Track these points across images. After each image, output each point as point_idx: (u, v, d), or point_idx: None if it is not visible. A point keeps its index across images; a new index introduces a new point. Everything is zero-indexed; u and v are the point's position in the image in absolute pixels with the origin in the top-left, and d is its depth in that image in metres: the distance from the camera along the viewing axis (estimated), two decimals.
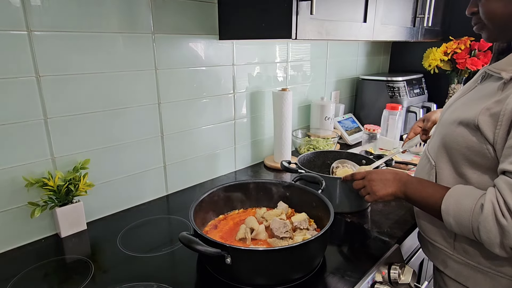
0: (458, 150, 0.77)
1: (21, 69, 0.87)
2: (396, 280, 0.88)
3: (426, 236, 0.92)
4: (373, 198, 0.93)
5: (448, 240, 0.85)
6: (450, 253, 0.85)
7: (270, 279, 0.78)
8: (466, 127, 0.74)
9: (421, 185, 0.83)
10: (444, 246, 0.86)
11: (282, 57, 1.58)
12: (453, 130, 0.78)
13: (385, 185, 0.90)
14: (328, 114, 1.72)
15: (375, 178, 0.93)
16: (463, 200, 0.71)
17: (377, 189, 0.91)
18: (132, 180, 1.16)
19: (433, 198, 0.77)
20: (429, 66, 1.93)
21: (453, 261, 0.85)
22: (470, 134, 0.74)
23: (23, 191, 0.93)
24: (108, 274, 0.84)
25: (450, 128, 0.79)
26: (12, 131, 0.89)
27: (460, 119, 0.76)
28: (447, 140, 0.80)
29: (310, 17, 1.06)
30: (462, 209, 0.70)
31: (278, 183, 1.06)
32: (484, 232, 0.66)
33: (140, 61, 1.09)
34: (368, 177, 0.95)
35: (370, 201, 0.96)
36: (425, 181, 0.84)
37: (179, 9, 1.15)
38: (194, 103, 1.27)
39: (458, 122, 0.77)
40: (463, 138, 0.75)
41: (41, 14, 0.88)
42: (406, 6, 1.57)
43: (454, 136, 0.77)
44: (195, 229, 0.79)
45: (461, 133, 0.76)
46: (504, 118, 0.66)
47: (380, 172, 0.94)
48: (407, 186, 0.86)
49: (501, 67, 0.73)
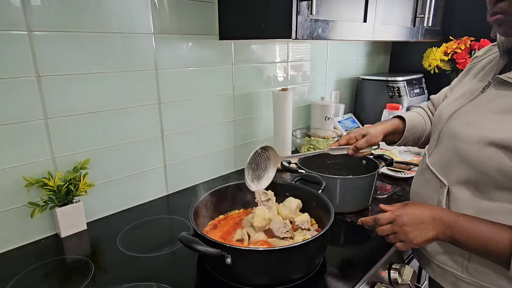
0: (486, 172, 0.69)
1: (21, 69, 0.87)
2: (396, 280, 0.88)
3: (428, 255, 0.85)
4: (409, 247, 0.75)
5: (459, 262, 0.78)
6: (461, 275, 0.78)
7: (270, 279, 0.78)
8: (499, 149, 0.66)
9: (473, 225, 0.69)
10: (454, 269, 0.79)
11: (282, 57, 1.58)
12: (480, 151, 0.68)
13: (423, 230, 0.72)
14: (328, 114, 1.72)
15: (408, 223, 0.74)
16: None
17: (414, 237, 0.73)
18: (132, 180, 1.16)
19: (499, 246, 0.65)
20: (429, 66, 1.93)
21: (465, 283, 0.78)
22: (506, 157, 0.65)
23: (23, 191, 0.93)
24: (108, 274, 0.84)
25: (475, 148, 0.70)
26: (12, 131, 0.89)
27: (491, 139, 0.66)
28: (470, 160, 0.71)
29: (310, 17, 1.06)
30: None
31: (278, 183, 1.06)
32: None
33: (140, 61, 1.09)
34: (399, 222, 0.75)
35: (404, 250, 0.77)
36: (476, 220, 0.69)
37: (179, 9, 1.15)
38: (194, 103, 1.27)
39: (487, 142, 0.67)
40: (495, 162, 0.67)
41: (41, 14, 0.88)
42: (406, 6, 1.57)
43: (482, 158, 0.68)
44: (195, 229, 0.79)
45: (492, 155, 0.67)
46: None
47: (412, 214, 0.74)
48: (454, 229, 0.70)
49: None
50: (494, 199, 0.70)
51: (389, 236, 0.77)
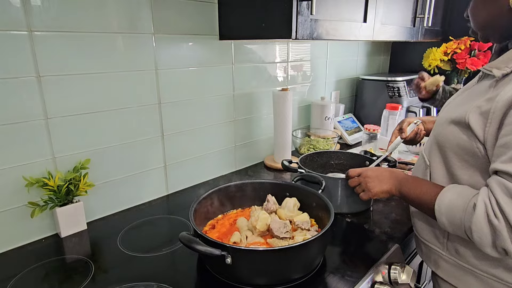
0: (449, 148, 0.78)
1: (22, 69, 0.87)
2: (396, 280, 0.88)
3: (420, 235, 0.92)
4: (367, 196, 0.93)
5: (440, 240, 0.85)
6: (442, 253, 0.85)
7: (270, 279, 0.78)
8: (457, 126, 0.75)
9: (416, 183, 0.83)
10: (437, 246, 0.86)
11: (282, 57, 1.58)
12: (445, 128, 0.78)
13: (381, 182, 0.90)
14: (328, 114, 1.72)
15: (371, 175, 0.93)
16: (456, 199, 0.71)
17: (372, 186, 0.91)
18: (132, 180, 1.16)
19: (427, 197, 0.77)
20: (429, 66, 1.93)
21: (444, 262, 0.84)
22: (461, 133, 0.74)
23: (23, 191, 0.93)
24: (108, 274, 0.84)
25: (442, 126, 0.80)
26: (13, 131, 0.89)
27: (452, 118, 0.76)
28: (439, 139, 0.80)
29: (311, 17, 1.06)
30: (455, 208, 0.70)
31: (278, 183, 1.06)
32: (476, 232, 0.66)
33: (140, 61, 1.09)
34: (364, 174, 0.95)
35: (365, 199, 0.95)
36: (420, 180, 0.84)
37: (179, 9, 1.15)
38: (194, 103, 1.27)
39: (449, 121, 0.77)
40: (454, 137, 0.75)
41: (42, 14, 0.88)
42: (406, 6, 1.57)
43: (446, 135, 0.78)
44: (195, 229, 0.79)
45: (452, 131, 0.76)
46: (494, 115, 0.66)
47: (376, 170, 0.95)
48: (402, 184, 0.86)
49: (494, 65, 0.73)
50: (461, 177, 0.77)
51: (356, 188, 0.98)
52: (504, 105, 0.64)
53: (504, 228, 0.62)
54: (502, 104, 0.64)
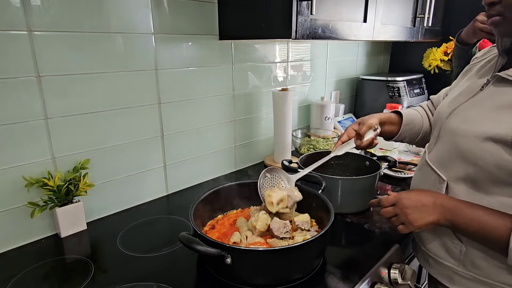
0: (484, 168, 0.70)
1: (21, 69, 0.87)
2: (396, 280, 0.88)
3: (428, 251, 0.86)
4: (409, 230, 0.77)
5: (455, 256, 0.79)
6: (457, 269, 0.79)
7: (270, 279, 0.78)
8: (497, 144, 0.67)
9: (473, 210, 0.70)
10: (450, 263, 0.80)
11: (282, 57, 1.58)
12: (479, 146, 0.70)
13: (423, 213, 0.74)
14: (328, 114, 1.72)
15: (409, 205, 0.76)
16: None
17: (414, 219, 0.75)
18: (132, 180, 1.16)
19: (497, 231, 0.66)
20: (429, 66, 1.93)
21: (461, 277, 0.79)
22: (503, 152, 0.66)
23: (23, 191, 0.93)
24: (108, 274, 0.84)
25: (473, 143, 0.71)
26: (12, 131, 0.89)
27: (488, 135, 0.68)
28: (468, 156, 0.72)
29: (311, 17, 1.06)
30: None
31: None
32: None
33: (140, 61, 1.09)
34: (400, 204, 0.78)
35: (405, 232, 0.80)
36: (476, 207, 0.71)
37: (179, 9, 1.15)
38: (194, 103, 1.27)
39: (484, 137, 0.69)
40: (493, 156, 0.68)
41: (41, 14, 0.88)
42: (406, 6, 1.57)
43: (481, 153, 0.69)
44: (195, 229, 0.79)
45: (490, 150, 0.68)
46: None
47: (413, 198, 0.77)
48: (454, 214, 0.72)
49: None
50: (491, 194, 0.71)
51: (392, 219, 0.80)
52: None
53: None
54: None
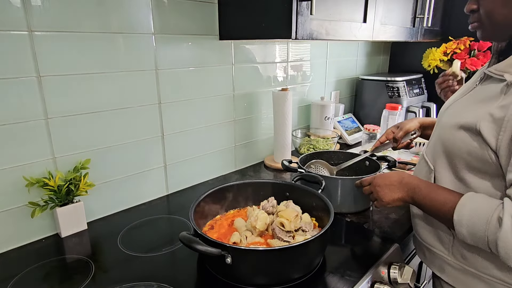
0: (458, 155, 0.76)
1: (22, 69, 0.87)
2: (396, 280, 0.88)
3: (422, 240, 0.90)
4: (380, 204, 0.90)
5: (445, 244, 0.83)
6: (447, 258, 0.83)
7: (270, 279, 0.78)
8: (467, 132, 0.73)
9: (430, 190, 0.79)
10: (441, 251, 0.84)
11: (282, 57, 1.58)
12: (453, 134, 0.76)
13: (391, 191, 0.86)
14: (328, 114, 1.72)
15: (381, 184, 0.89)
16: (477, 210, 0.68)
17: (383, 195, 0.88)
18: (132, 180, 1.16)
19: (445, 207, 0.74)
20: (429, 66, 1.93)
21: (450, 267, 0.83)
22: (472, 139, 0.72)
23: (24, 191, 0.93)
24: (108, 274, 0.85)
25: (450, 132, 0.77)
26: (13, 131, 0.89)
27: (461, 124, 0.74)
28: (447, 144, 0.79)
29: (310, 17, 1.06)
30: (477, 221, 0.67)
31: (278, 183, 1.06)
32: (503, 247, 0.64)
33: (140, 61, 1.09)
34: (374, 182, 0.92)
35: (378, 207, 0.92)
36: (434, 186, 0.80)
37: (179, 9, 1.15)
38: (194, 103, 1.27)
39: (458, 126, 0.75)
40: (464, 143, 0.73)
41: (42, 14, 0.88)
42: (405, 6, 1.57)
43: (455, 141, 0.76)
44: (195, 229, 0.80)
45: (462, 138, 0.74)
46: (509, 124, 0.64)
47: (385, 177, 0.90)
48: (415, 191, 0.81)
49: (503, 69, 0.71)
50: (469, 182, 0.76)
51: (370, 196, 0.95)
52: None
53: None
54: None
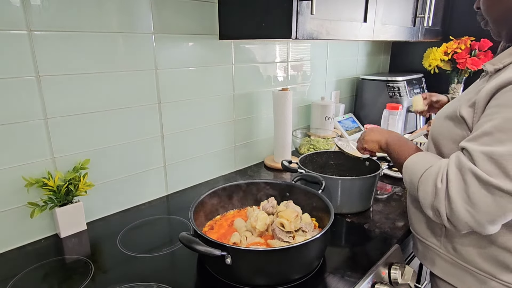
0: (443, 143, 0.79)
1: (21, 69, 0.87)
2: (396, 280, 0.88)
3: (416, 233, 0.93)
4: (361, 144, 1.02)
5: (437, 236, 0.85)
6: (439, 250, 0.85)
7: (270, 279, 0.78)
8: (451, 120, 0.77)
9: (402, 142, 0.88)
10: (433, 243, 0.86)
11: (282, 57, 1.58)
12: (440, 124, 0.80)
13: (375, 134, 0.98)
14: (328, 114, 1.72)
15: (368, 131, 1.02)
16: (423, 161, 0.75)
17: (366, 135, 1.00)
18: (132, 180, 1.16)
19: (403, 155, 0.82)
20: (429, 66, 1.93)
21: (441, 260, 0.85)
22: (455, 127, 0.76)
23: (23, 191, 0.93)
24: (108, 274, 0.84)
25: (438, 123, 0.82)
26: (12, 131, 0.89)
27: (446, 113, 0.78)
28: (434, 134, 0.83)
29: (311, 17, 1.06)
30: (417, 168, 0.75)
31: (278, 183, 1.06)
32: (422, 191, 0.72)
33: (140, 61, 1.09)
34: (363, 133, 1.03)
35: (359, 147, 1.04)
36: (408, 141, 0.88)
37: (179, 9, 1.14)
38: (194, 103, 1.27)
39: (444, 116, 0.79)
40: (448, 131, 0.77)
41: (41, 14, 0.88)
42: (406, 6, 1.57)
43: (440, 130, 0.80)
44: (195, 229, 0.79)
45: (447, 126, 0.78)
46: (478, 106, 0.69)
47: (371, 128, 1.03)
48: (391, 139, 0.91)
49: (491, 61, 0.74)
50: None
51: None
52: (486, 95, 0.67)
53: (443, 192, 0.67)
54: (484, 94, 0.67)
